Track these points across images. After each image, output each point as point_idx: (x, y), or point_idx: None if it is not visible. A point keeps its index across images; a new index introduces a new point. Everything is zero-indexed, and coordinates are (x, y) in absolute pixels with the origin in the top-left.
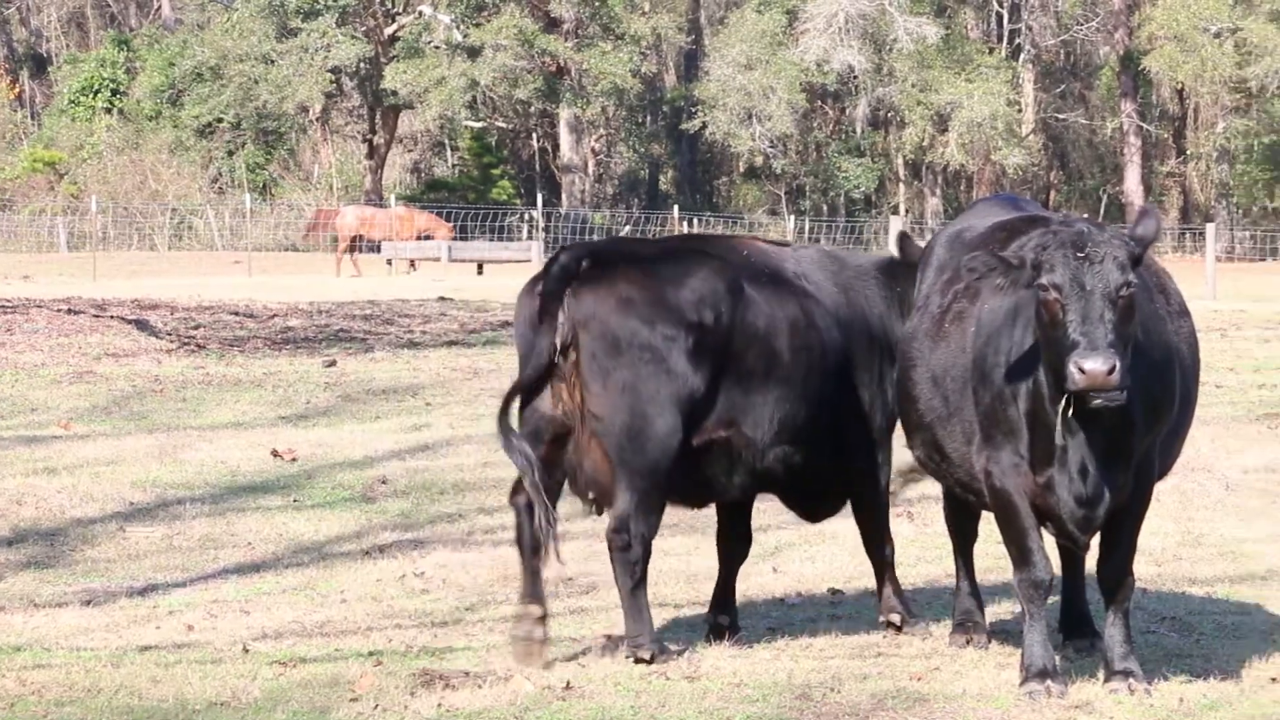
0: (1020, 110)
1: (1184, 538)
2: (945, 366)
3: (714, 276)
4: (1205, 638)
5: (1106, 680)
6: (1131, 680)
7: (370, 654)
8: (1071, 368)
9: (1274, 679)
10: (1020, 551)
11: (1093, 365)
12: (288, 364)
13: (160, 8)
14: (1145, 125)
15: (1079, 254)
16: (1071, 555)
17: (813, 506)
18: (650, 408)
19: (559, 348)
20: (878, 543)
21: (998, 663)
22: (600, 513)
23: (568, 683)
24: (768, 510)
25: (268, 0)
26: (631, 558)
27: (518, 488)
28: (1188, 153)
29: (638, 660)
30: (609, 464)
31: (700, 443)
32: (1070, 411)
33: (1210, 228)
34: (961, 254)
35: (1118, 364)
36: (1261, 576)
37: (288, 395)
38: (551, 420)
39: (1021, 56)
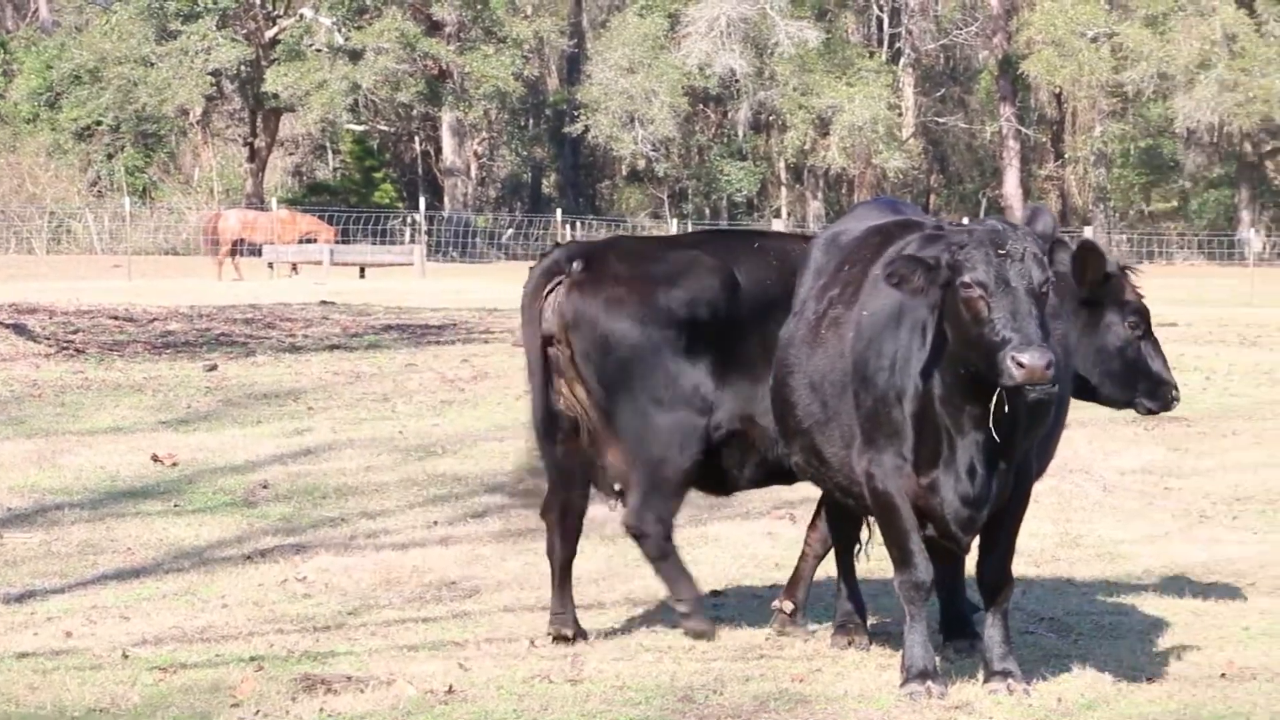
0: (901, 114)
1: (1062, 539)
2: (823, 372)
3: (709, 273)
4: (1083, 638)
5: (986, 681)
6: (1010, 680)
7: (251, 659)
8: (1009, 363)
9: (1150, 679)
10: (901, 553)
11: (1032, 359)
12: (168, 368)
13: (37, 9)
14: (1024, 129)
15: (1000, 251)
16: (951, 556)
17: None
18: (652, 403)
19: (546, 342)
20: None
21: (879, 664)
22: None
23: (450, 687)
24: None
25: (147, 3)
26: (649, 547)
27: (549, 504)
28: (1065, 156)
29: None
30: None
31: (715, 435)
32: (1005, 408)
33: (1088, 231)
34: (838, 257)
35: (1053, 357)
36: (1138, 577)
37: (168, 400)
38: (561, 414)
39: (902, 60)
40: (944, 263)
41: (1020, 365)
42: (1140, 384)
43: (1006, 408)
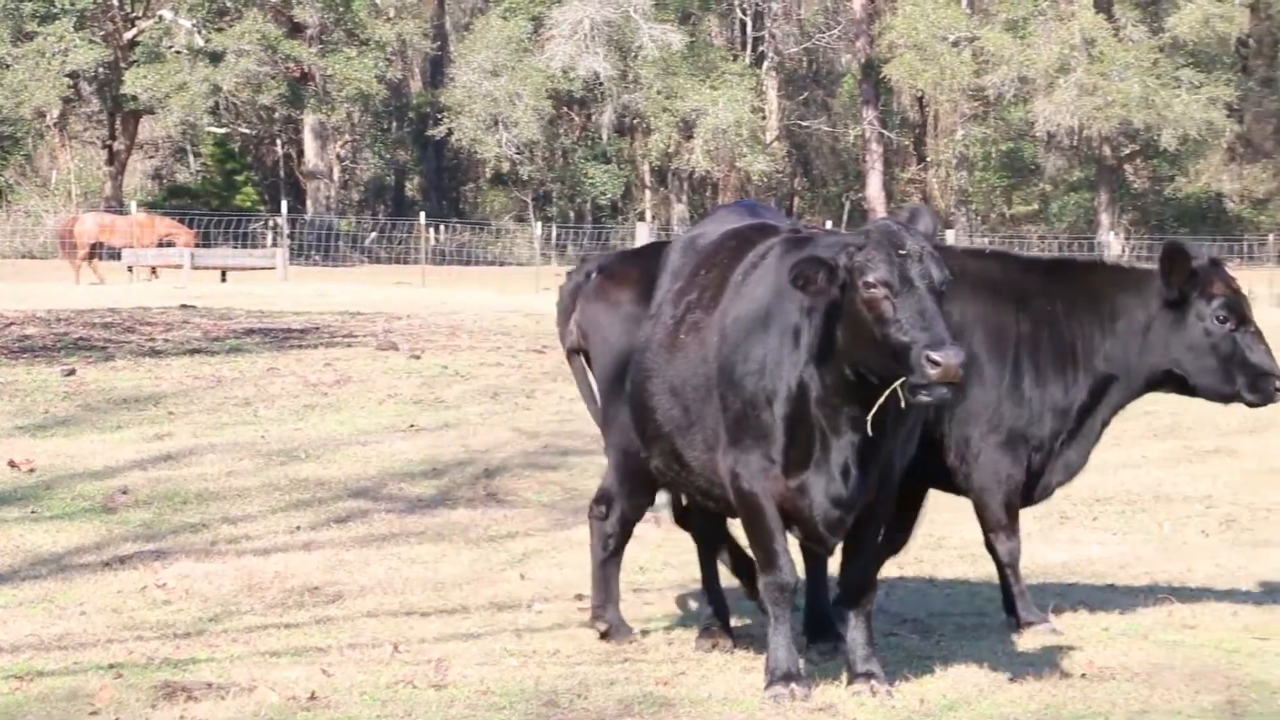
0: (764, 117)
1: (925, 540)
2: (684, 376)
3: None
4: (945, 639)
5: (850, 682)
6: (874, 682)
7: (110, 666)
8: (923, 361)
9: (1011, 679)
10: (766, 555)
11: (946, 357)
12: (25, 373)
13: None
14: (886, 132)
15: (901, 251)
16: (815, 558)
17: None
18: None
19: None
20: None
21: (743, 666)
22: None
23: (312, 693)
24: (513, 518)
25: (2, 4)
26: (606, 529)
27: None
28: (928, 159)
29: (600, 635)
30: None
31: None
32: (902, 404)
33: (950, 234)
34: (694, 261)
35: (965, 355)
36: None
37: (25, 405)
38: None
39: (765, 64)
40: (843, 264)
41: (935, 363)
42: (1239, 377)
43: (903, 405)
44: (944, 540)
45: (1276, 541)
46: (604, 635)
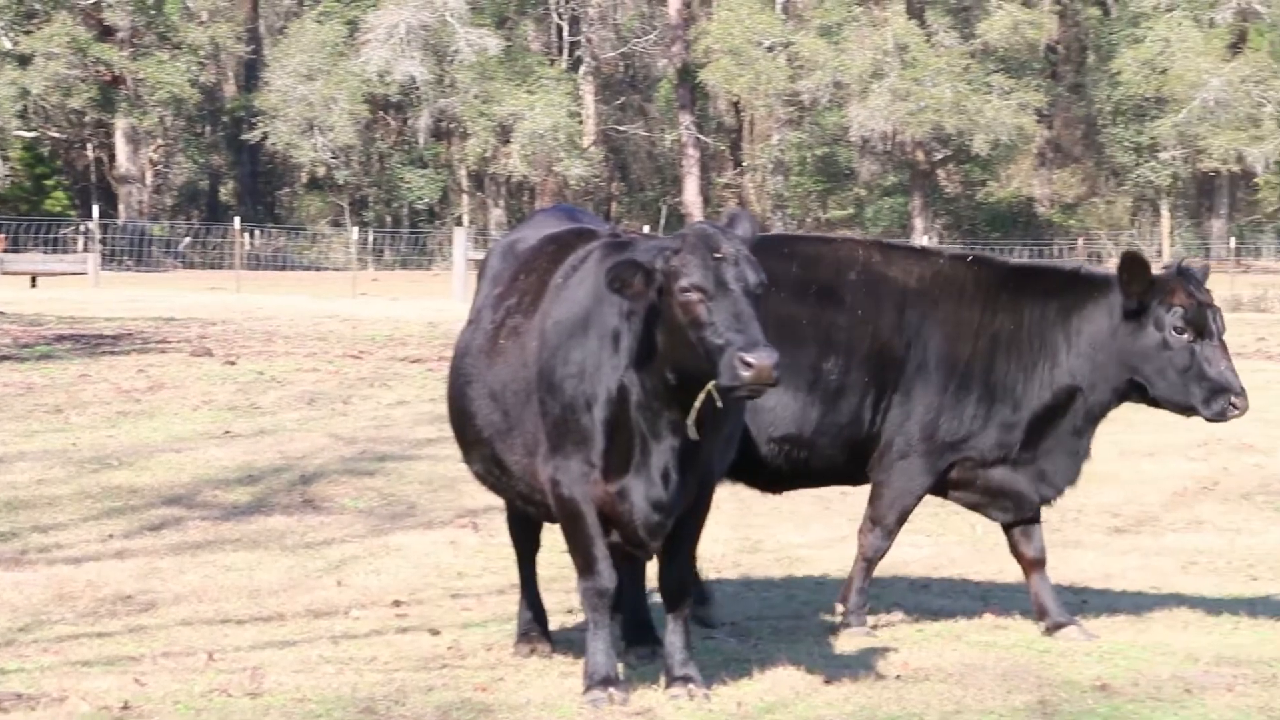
0: (581, 122)
1: (742, 544)
2: (504, 381)
3: None
4: (762, 642)
5: (667, 686)
6: (691, 685)
7: None
8: (736, 363)
9: (827, 681)
10: (585, 560)
11: (759, 359)
12: None
13: None
14: (703, 137)
15: (716, 254)
16: (633, 563)
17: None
18: None
19: None
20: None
21: (561, 671)
22: None
23: (125, 703)
24: (330, 524)
25: None
26: None
27: None
28: (744, 164)
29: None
30: None
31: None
32: (719, 406)
33: None
34: (514, 266)
35: (778, 357)
36: (816, 581)
37: None
38: None
39: (582, 69)
40: (660, 268)
41: (748, 365)
42: (1196, 390)
43: (719, 407)
44: (760, 544)
45: (1086, 543)
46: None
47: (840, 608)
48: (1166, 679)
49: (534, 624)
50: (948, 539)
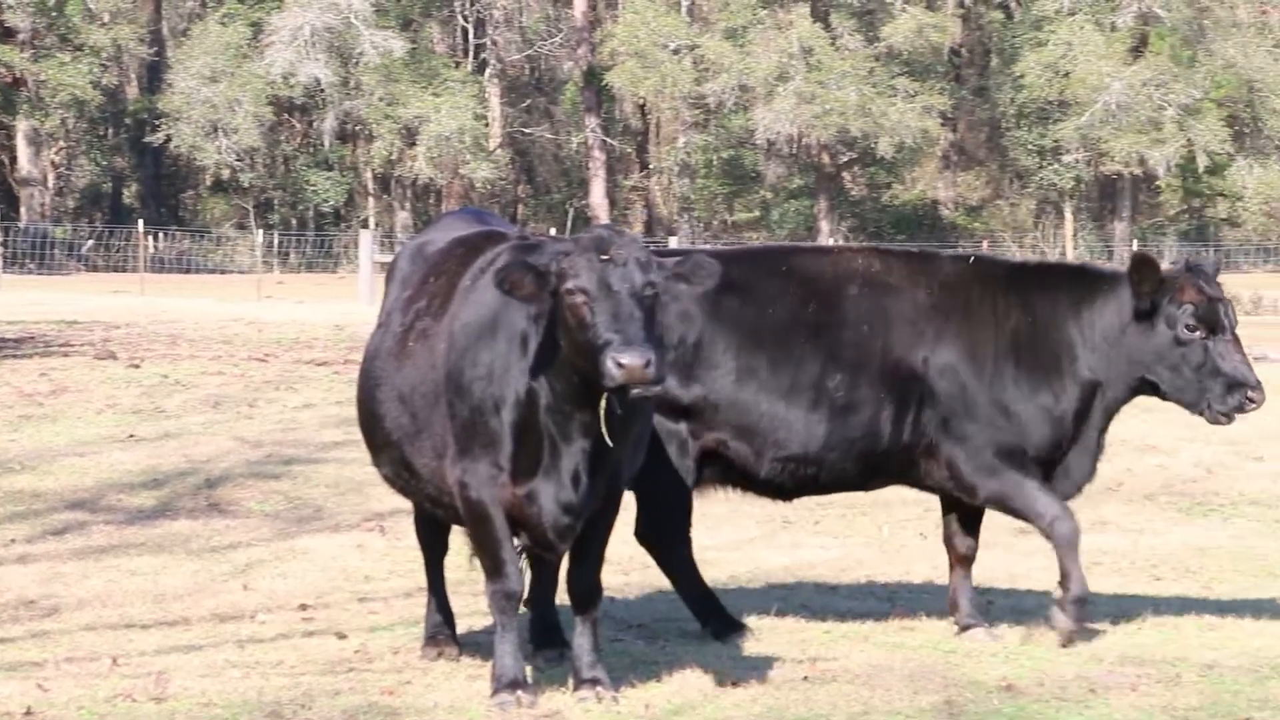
0: (487, 124)
1: None
2: (413, 384)
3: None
4: (670, 644)
5: (575, 689)
6: (599, 688)
7: None
8: (609, 364)
9: (735, 683)
10: (494, 563)
11: (630, 359)
12: None
13: None
14: (609, 140)
15: (602, 257)
16: (541, 565)
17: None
18: None
19: None
20: None
21: (469, 674)
22: None
23: (28, 709)
24: (236, 528)
25: None
26: None
27: None
28: (651, 167)
29: None
30: None
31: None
32: (617, 409)
33: (673, 241)
34: (423, 269)
35: (653, 357)
36: (724, 583)
37: None
38: None
39: (488, 71)
40: (552, 269)
41: (620, 365)
42: (1211, 386)
43: (618, 409)
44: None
45: (992, 543)
46: None
47: (1059, 592)
48: (1071, 679)
49: (442, 627)
50: (855, 541)
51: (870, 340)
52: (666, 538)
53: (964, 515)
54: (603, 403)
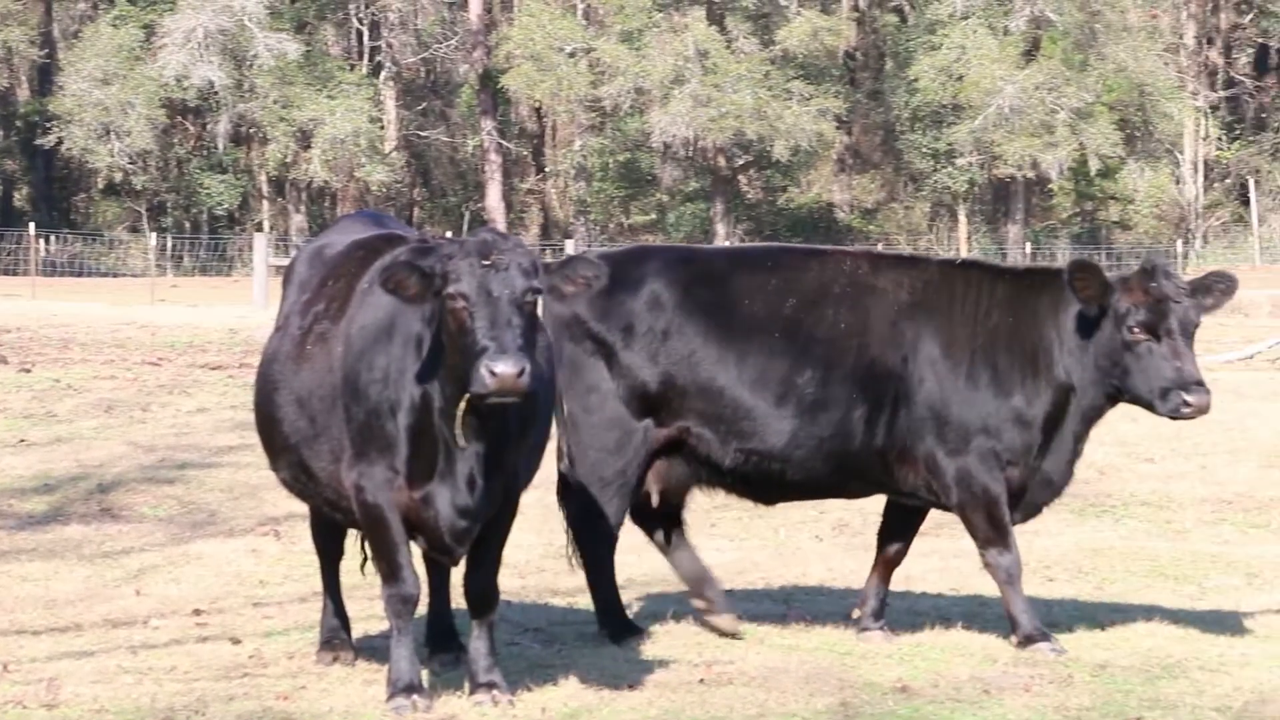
0: (383, 127)
1: (547, 550)
2: (310, 387)
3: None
4: (567, 647)
5: (472, 693)
6: (495, 692)
7: None
8: (482, 371)
9: (631, 686)
10: (390, 567)
11: (503, 368)
12: None
13: None
14: (505, 143)
15: (484, 262)
16: (437, 569)
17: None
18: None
19: None
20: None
21: (365, 679)
22: None
23: None
24: (129, 533)
25: None
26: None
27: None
28: (547, 170)
29: None
30: None
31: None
32: (470, 415)
33: (569, 244)
34: (321, 272)
35: (527, 366)
36: (621, 586)
37: None
38: None
39: (383, 74)
40: (437, 271)
41: (493, 374)
42: (1154, 387)
43: (476, 416)
44: (565, 550)
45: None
46: None
47: (1014, 638)
48: (965, 680)
49: (337, 631)
50: (751, 543)
51: (848, 340)
52: (594, 533)
53: (902, 520)
54: (462, 405)
